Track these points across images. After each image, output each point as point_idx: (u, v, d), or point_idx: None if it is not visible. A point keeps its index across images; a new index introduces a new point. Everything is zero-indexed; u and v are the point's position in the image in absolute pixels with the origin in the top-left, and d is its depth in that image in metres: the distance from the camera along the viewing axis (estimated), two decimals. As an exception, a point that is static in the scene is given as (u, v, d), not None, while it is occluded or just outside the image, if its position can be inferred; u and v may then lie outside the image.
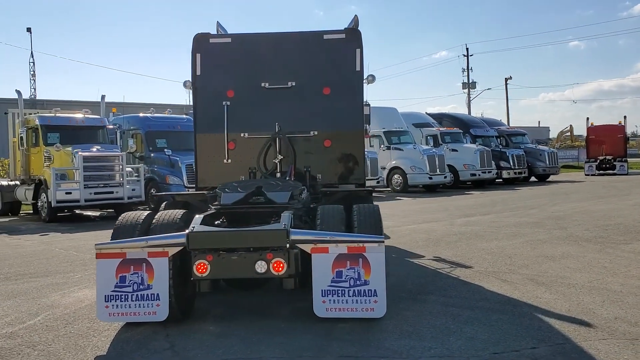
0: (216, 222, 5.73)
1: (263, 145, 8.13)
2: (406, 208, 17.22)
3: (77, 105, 27.88)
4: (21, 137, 17.55)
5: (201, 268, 5.04)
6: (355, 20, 10.07)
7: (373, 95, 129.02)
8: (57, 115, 17.57)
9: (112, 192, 16.26)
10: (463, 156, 25.83)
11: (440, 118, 30.21)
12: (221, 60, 8.48)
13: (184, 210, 5.80)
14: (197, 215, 5.44)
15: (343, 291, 4.99)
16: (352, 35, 8.39)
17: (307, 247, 5.04)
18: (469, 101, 53.91)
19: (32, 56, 32.12)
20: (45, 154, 16.69)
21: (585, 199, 17.99)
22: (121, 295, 5.05)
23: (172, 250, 5.05)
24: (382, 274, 5.00)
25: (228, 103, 8.31)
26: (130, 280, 5.05)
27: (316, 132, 8.33)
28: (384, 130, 25.10)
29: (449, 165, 25.28)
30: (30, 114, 17.95)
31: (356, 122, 8.34)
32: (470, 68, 54.38)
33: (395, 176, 24.36)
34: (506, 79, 56.71)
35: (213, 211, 5.86)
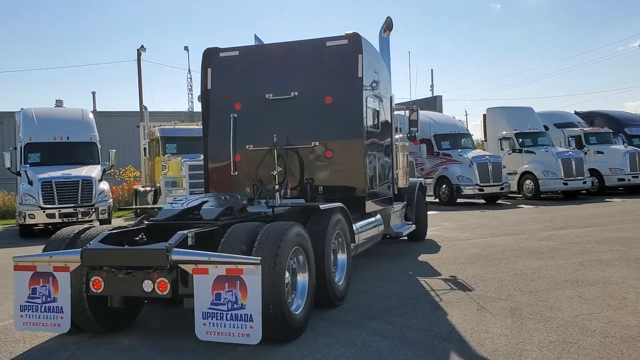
0: (135, 238, 5.83)
1: (261, 158, 8.07)
2: (510, 218, 15.86)
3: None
4: (145, 148, 19.33)
5: (96, 284, 5.18)
6: (388, 22, 9.62)
7: (537, 92, 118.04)
8: (175, 127, 19.07)
9: (215, 199, 17.18)
10: (609, 159, 23.07)
11: (592, 117, 27.33)
12: (230, 74, 8.61)
13: (116, 226, 5.98)
14: (102, 232, 5.59)
15: (221, 314, 4.80)
16: (354, 40, 7.99)
17: (189, 268, 4.93)
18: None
19: (190, 72, 35.01)
20: (162, 163, 18.20)
21: None
22: (33, 305, 5.36)
23: (73, 266, 5.25)
24: (258, 298, 4.72)
25: (235, 115, 8.40)
26: (40, 292, 5.35)
27: (317, 143, 8.08)
28: (515, 131, 23.34)
29: (593, 170, 22.80)
30: (154, 127, 19.67)
31: (356, 131, 7.93)
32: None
33: (527, 182, 22.49)
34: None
35: (138, 227, 5.98)
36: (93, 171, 16.76)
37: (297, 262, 5.66)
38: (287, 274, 5.43)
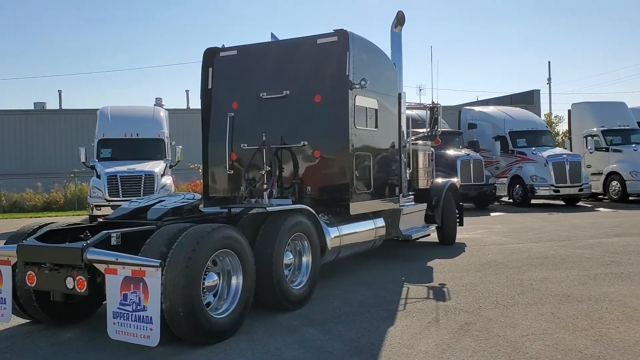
0: (80, 236, 5.99)
1: (250, 157, 8.06)
2: (572, 222, 14.73)
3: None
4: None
5: (30, 279, 5.40)
6: (399, 17, 9.29)
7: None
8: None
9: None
10: None
11: None
12: (228, 73, 8.67)
13: (74, 222, 6.21)
14: (45, 228, 5.82)
15: (127, 315, 4.86)
16: (342, 37, 7.76)
17: (102, 267, 5.02)
18: None
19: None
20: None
21: None
22: (-19, 297, 5.70)
23: (13, 260, 5.52)
24: (157, 301, 4.73)
25: (232, 114, 8.45)
26: (-13, 284, 5.67)
27: (306, 143, 7.95)
28: (602, 128, 21.64)
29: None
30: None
31: (342, 130, 7.70)
32: None
33: (613, 183, 20.79)
34: None
35: (91, 225, 6.17)
36: (157, 166, 17.53)
37: (231, 265, 5.59)
38: (215, 277, 5.41)
